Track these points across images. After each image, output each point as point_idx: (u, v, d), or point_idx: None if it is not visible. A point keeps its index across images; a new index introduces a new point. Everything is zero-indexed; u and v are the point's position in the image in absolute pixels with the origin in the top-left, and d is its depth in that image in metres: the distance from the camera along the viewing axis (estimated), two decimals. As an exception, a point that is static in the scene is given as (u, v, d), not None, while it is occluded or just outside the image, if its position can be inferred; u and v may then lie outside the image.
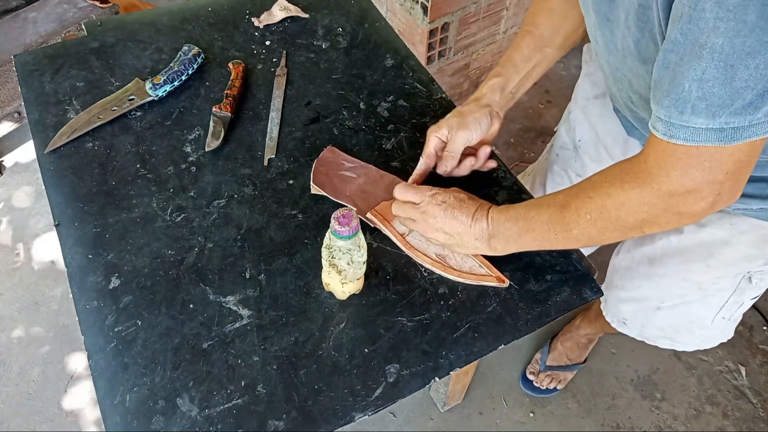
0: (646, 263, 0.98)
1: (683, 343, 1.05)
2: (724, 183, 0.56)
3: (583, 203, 0.66)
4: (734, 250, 0.84)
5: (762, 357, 1.57)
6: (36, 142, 0.92)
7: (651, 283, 0.98)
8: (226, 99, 0.95)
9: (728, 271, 0.88)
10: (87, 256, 0.79)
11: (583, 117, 1.04)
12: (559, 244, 0.70)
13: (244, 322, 0.74)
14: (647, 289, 1.00)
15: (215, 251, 0.80)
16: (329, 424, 0.67)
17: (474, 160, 0.85)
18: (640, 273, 0.99)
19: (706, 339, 1.02)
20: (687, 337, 1.02)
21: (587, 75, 1.02)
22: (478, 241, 0.74)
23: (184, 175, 0.89)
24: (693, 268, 0.90)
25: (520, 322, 0.75)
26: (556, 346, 1.50)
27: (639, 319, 1.06)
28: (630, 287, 1.03)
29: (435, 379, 0.71)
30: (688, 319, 0.98)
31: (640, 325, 1.06)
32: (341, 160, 0.89)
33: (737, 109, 0.51)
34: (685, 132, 0.54)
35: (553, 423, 1.47)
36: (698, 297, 0.93)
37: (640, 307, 1.04)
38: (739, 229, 0.81)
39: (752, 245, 0.83)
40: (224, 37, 1.09)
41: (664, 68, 0.55)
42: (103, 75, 1.01)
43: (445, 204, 0.75)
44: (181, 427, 0.66)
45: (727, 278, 0.89)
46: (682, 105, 0.53)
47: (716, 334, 1.01)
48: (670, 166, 0.57)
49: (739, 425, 1.46)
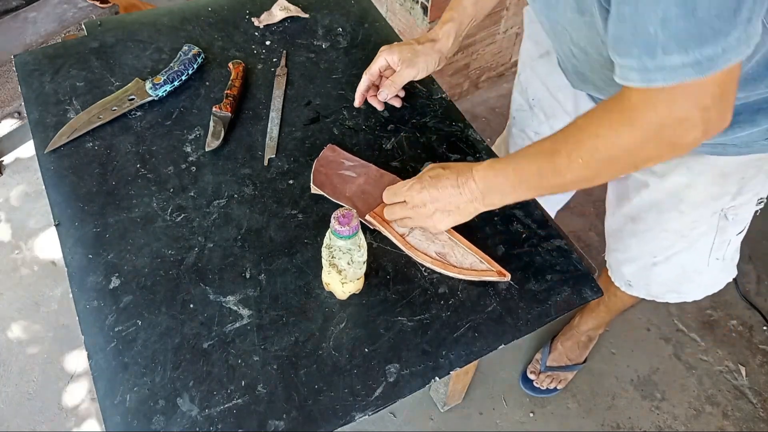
0: (629, 222, 1.01)
1: (689, 293, 1.06)
2: (711, 109, 0.57)
3: (574, 147, 0.65)
4: (698, 191, 0.87)
5: (762, 357, 1.57)
6: (36, 142, 0.92)
7: (638, 240, 1.01)
8: (226, 99, 0.95)
9: (701, 214, 0.90)
10: (87, 256, 0.79)
11: (533, 76, 1.06)
12: (554, 189, 0.71)
13: (244, 322, 0.74)
14: (637, 246, 1.03)
15: (215, 251, 0.80)
16: (329, 424, 0.67)
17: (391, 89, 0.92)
18: (627, 232, 1.03)
19: (709, 284, 1.04)
20: (690, 286, 1.05)
21: (529, 36, 1.04)
22: (475, 202, 0.74)
23: (184, 175, 0.89)
24: (668, 217, 0.93)
25: (520, 321, 0.75)
26: (557, 346, 1.50)
27: (641, 278, 1.08)
28: (624, 248, 1.06)
29: (435, 378, 0.71)
30: (685, 269, 1.01)
31: (645, 284, 1.09)
32: (341, 158, 0.89)
33: (707, 38, 0.51)
34: (662, 73, 0.54)
35: (553, 423, 1.47)
36: (684, 245, 0.96)
37: (638, 266, 1.06)
38: (696, 170, 0.84)
39: (712, 183, 0.85)
40: (224, 37, 1.09)
41: (620, 22, 0.55)
42: (103, 75, 1.01)
43: (424, 187, 0.76)
44: (181, 427, 0.66)
45: (703, 221, 0.91)
46: (652, 49, 0.53)
47: (717, 276, 1.02)
48: (655, 103, 0.57)
49: (739, 425, 1.46)
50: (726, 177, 0.84)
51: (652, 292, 1.10)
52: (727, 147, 0.78)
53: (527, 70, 1.07)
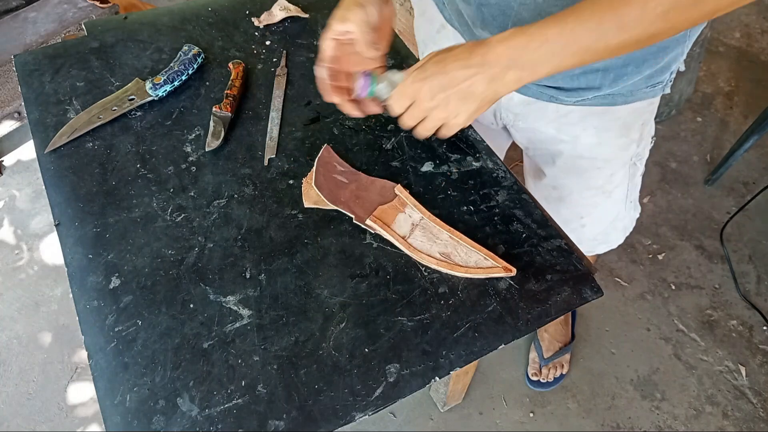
0: (552, 190, 1.05)
1: (615, 240, 1.14)
2: None
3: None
4: (608, 146, 0.92)
5: (762, 357, 1.57)
6: (36, 142, 0.92)
7: (566, 204, 1.06)
8: (226, 99, 0.95)
9: (615, 165, 0.96)
10: (87, 256, 0.79)
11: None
12: (605, 53, 0.59)
13: (244, 322, 0.74)
14: (566, 210, 1.07)
15: (215, 251, 0.80)
16: (329, 424, 0.67)
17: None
18: (554, 199, 1.07)
19: (628, 225, 1.13)
20: (615, 234, 1.13)
21: (421, 15, 1.02)
22: (496, 82, 0.62)
23: (184, 175, 0.89)
24: (588, 176, 0.98)
25: (520, 321, 0.75)
26: (543, 336, 1.54)
27: (573, 239, 1.09)
28: (554, 214, 1.06)
29: (435, 378, 0.70)
30: (608, 220, 1.08)
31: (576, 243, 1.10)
32: (334, 162, 0.89)
33: None
34: None
35: (553, 423, 1.47)
36: (606, 198, 1.02)
37: (570, 230, 1.08)
38: (602, 128, 0.89)
39: (618, 135, 0.90)
40: (224, 37, 1.09)
41: None
42: (103, 75, 1.01)
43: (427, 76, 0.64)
44: (181, 427, 0.66)
45: (618, 171, 0.98)
46: None
47: (632, 215, 1.12)
48: None
49: (739, 425, 1.46)
50: (629, 127, 0.90)
51: (584, 249, 1.12)
52: (615, 97, 0.83)
53: (429, 47, 1.03)
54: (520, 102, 0.91)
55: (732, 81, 2.27)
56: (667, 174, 1.98)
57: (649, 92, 0.84)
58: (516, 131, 1.00)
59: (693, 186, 1.94)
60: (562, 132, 0.92)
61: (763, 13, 2.53)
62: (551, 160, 1.00)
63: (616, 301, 1.68)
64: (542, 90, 0.85)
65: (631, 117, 0.89)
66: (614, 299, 1.68)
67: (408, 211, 0.83)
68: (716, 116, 2.16)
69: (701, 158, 2.03)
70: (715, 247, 1.78)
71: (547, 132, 0.94)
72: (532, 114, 0.92)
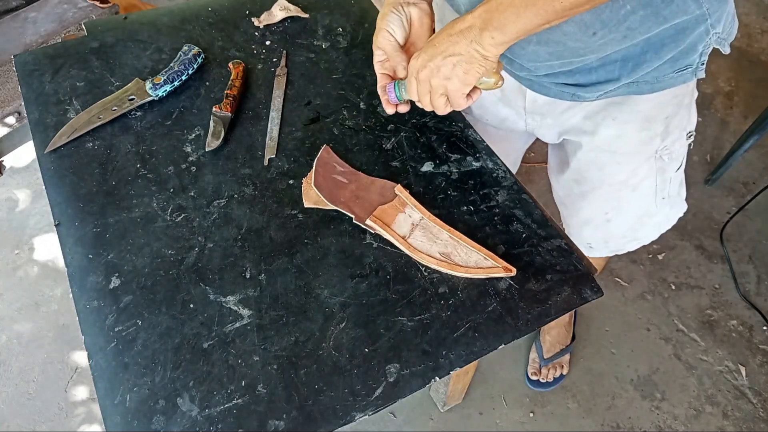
0: (574, 185, 1.04)
1: (647, 236, 1.10)
2: None
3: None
4: (628, 140, 0.90)
5: (762, 357, 1.57)
6: (36, 142, 0.92)
7: (588, 201, 1.04)
8: (226, 99, 0.95)
9: (637, 160, 0.94)
10: (87, 256, 0.79)
11: None
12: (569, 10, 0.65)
13: (244, 322, 0.74)
14: (588, 207, 1.05)
15: (215, 251, 0.80)
16: (329, 424, 0.67)
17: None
18: (576, 195, 1.05)
19: (663, 222, 1.08)
20: (646, 230, 1.08)
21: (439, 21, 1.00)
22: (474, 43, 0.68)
23: (184, 175, 0.89)
24: (609, 171, 0.96)
25: (520, 321, 0.75)
26: (545, 338, 1.54)
27: (600, 237, 1.11)
28: (576, 211, 1.09)
29: (435, 378, 0.71)
30: (637, 215, 1.04)
31: (604, 242, 1.11)
32: (334, 162, 0.89)
33: None
34: None
35: (553, 423, 1.47)
36: (630, 194, 0.99)
37: (595, 226, 1.08)
38: (622, 120, 0.88)
39: (640, 129, 0.89)
40: (224, 37, 1.09)
41: None
42: (103, 75, 1.01)
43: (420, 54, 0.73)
44: (181, 427, 0.66)
45: (642, 166, 0.95)
46: None
47: (668, 213, 1.07)
48: None
49: (739, 425, 1.46)
50: (651, 120, 0.88)
51: (613, 248, 1.13)
52: (640, 85, 0.81)
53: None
54: (544, 103, 0.91)
55: (732, 81, 2.27)
56: (667, 174, 1.97)
57: (678, 78, 0.81)
58: (545, 130, 0.99)
59: (693, 186, 1.94)
60: (585, 123, 0.92)
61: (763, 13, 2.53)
62: (572, 153, 1.00)
63: (616, 301, 1.68)
64: (562, 89, 0.84)
65: (654, 110, 0.87)
66: (614, 299, 1.68)
67: (408, 211, 0.83)
68: (716, 116, 2.16)
69: (701, 158, 2.02)
70: (715, 247, 1.78)
71: (573, 124, 0.93)
72: (557, 110, 0.92)
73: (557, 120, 0.94)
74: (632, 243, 1.12)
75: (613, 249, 1.13)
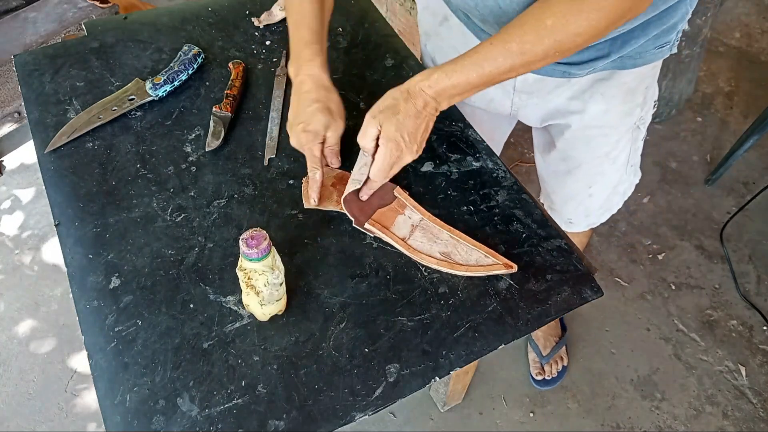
0: (561, 162, 1.07)
1: (615, 205, 1.16)
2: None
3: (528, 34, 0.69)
4: (615, 112, 0.95)
5: (762, 357, 1.57)
6: (36, 142, 0.92)
7: (574, 176, 1.07)
8: (226, 99, 0.95)
9: (621, 131, 0.99)
10: (87, 256, 0.79)
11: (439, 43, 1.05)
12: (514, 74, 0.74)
13: (244, 322, 0.74)
14: (574, 182, 1.09)
15: (215, 251, 0.80)
16: (329, 424, 0.67)
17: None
18: (562, 171, 1.09)
19: (627, 190, 1.14)
20: (616, 198, 1.14)
21: (424, 9, 1.05)
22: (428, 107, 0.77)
23: (185, 175, 0.89)
24: (596, 144, 1.00)
25: (520, 321, 0.75)
26: (538, 336, 1.55)
27: (581, 212, 1.15)
28: (562, 188, 1.12)
29: (435, 378, 0.70)
30: (613, 185, 1.09)
31: (585, 216, 1.16)
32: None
33: None
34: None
35: (553, 423, 1.47)
36: (611, 164, 1.04)
37: (578, 202, 1.12)
38: (609, 95, 0.91)
39: (624, 101, 0.93)
40: (224, 37, 1.09)
41: None
42: (103, 75, 1.01)
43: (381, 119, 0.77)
44: (181, 427, 0.66)
45: (624, 137, 1.00)
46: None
47: (632, 180, 1.13)
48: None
49: (739, 425, 1.46)
50: (633, 92, 0.93)
51: (592, 220, 1.17)
52: (624, 60, 0.85)
53: (432, 39, 1.06)
54: (534, 81, 0.92)
55: (732, 81, 2.27)
56: (667, 174, 1.98)
57: (658, 53, 0.86)
58: (528, 110, 1.00)
59: (693, 186, 1.94)
60: (572, 104, 0.94)
61: (763, 13, 2.53)
62: (558, 134, 1.02)
63: (616, 301, 1.68)
64: (554, 67, 0.86)
65: (635, 82, 0.91)
66: (614, 299, 1.68)
67: (407, 212, 0.83)
68: (716, 116, 2.16)
69: (701, 158, 2.02)
70: (715, 247, 1.78)
71: (558, 105, 0.95)
72: (545, 89, 0.93)
73: (543, 99, 0.96)
74: (606, 214, 1.17)
75: (591, 222, 1.17)
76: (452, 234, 0.80)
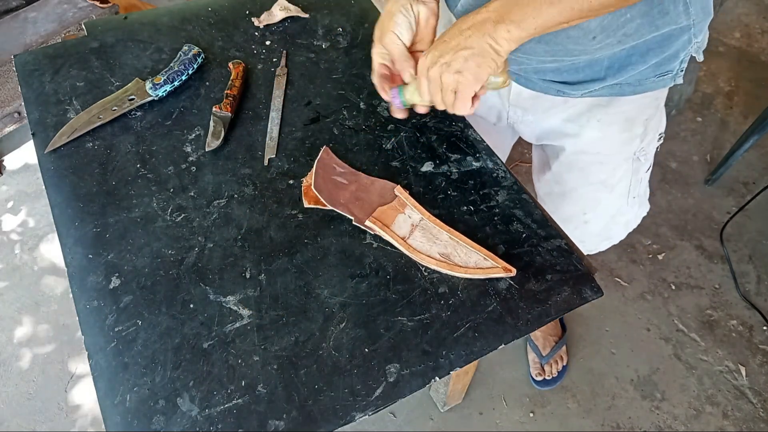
0: (555, 185, 1.07)
1: (617, 236, 1.15)
2: None
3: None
4: (612, 141, 0.93)
5: (762, 357, 1.57)
6: (36, 142, 0.92)
7: (568, 200, 1.07)
8: (226, 99, 0.95)
9: (618, 160, 0.97)
10: (87, 256, 0.79)
11: None
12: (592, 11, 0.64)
13: (244, 322, 0.74)
14: (568, 206, 1.08)
15: (215, 251, 0.80)
16: (329, 424, 0.67)
17: None
18: (556, 194, 1.08)
19: (631, 221, 1.13)
20: (617, 229, 1.13)
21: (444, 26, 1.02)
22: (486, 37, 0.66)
23: (184, 175, 0.89)
24: (590, 171, 0.99)
25: (520, 321, 0.75)
26: (537, 336, 1.55)
27: (578, 237, 1.12)
28: (557, 210, 1.11)
29: (435, 378, 0.70)
30: (611, 215, 1.08)
31: (581, 242, 1.13)
32: (333, 163, 0.89)
33: None
34: None
35: (553, 423, 1.47)
36: (608, 193, 1.03)
37: (573, 227, 1.11)
38: (606, 122, 0.90)
39: (622, 130, 0.92)
40: (224, 37, 1.09)
41: None
42: (103, 75, 1.01)
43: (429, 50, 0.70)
44: (181, 427, 0.66)
45: (621, 166, 0.99)
46: None
47: (636, 212, 1.12)
48: None
49: (739, 425, 1.46)
50: (632, 122, 0.91)
51: (588, 248, 1.16)
52: (623, 86, 0.84)
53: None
54: (529, 97, 0.92)
55: (732, 81, 2.27)
56: (667, 174, 1.98)
57: (659, 82, 0.84)
58: (524, 126, 1.00)
59: (693, 186, 1.94)
60: (567, 126, 0.93)
61: (763, 13, 2.53)
62: (554, 157, 1.01)
63: (616, 301, 1.68)
64: (549, 84, 0.85)
65: (635, 111, 0.90)
66: (614, 299, 1.68)
67: (408, 211, 0.83)
68: (716, 116, 2.16)
69: (701, 158, 2.02)
70: (715, 247, 1.78)
71: (553, 126, 0.95)
72: (540, 107, 0.93)
73: (538, 118, 0.95)
74: (605, 242, 1.15)
75: (588, 249, 1.16)
76: (452, 235, 0.80)
